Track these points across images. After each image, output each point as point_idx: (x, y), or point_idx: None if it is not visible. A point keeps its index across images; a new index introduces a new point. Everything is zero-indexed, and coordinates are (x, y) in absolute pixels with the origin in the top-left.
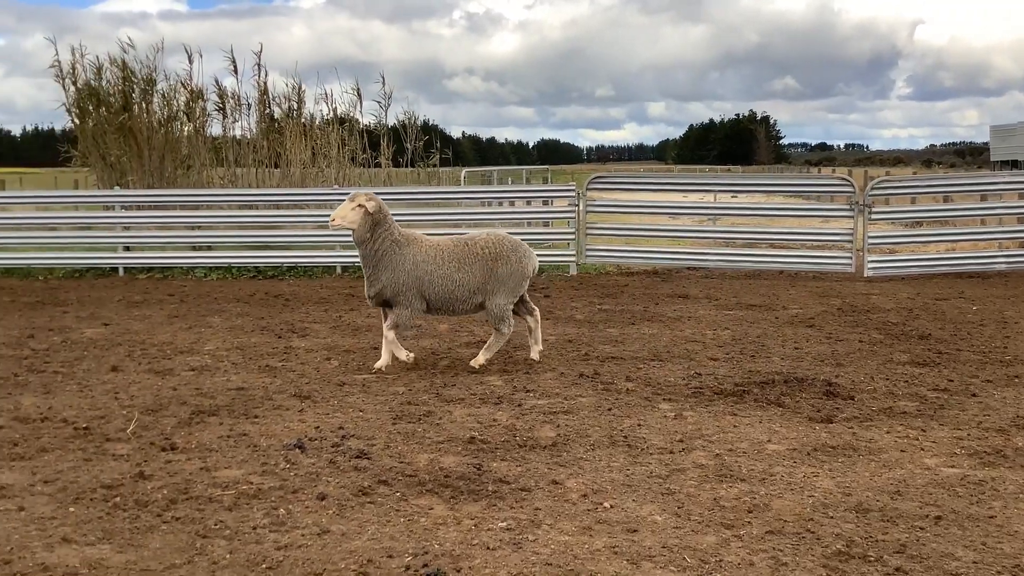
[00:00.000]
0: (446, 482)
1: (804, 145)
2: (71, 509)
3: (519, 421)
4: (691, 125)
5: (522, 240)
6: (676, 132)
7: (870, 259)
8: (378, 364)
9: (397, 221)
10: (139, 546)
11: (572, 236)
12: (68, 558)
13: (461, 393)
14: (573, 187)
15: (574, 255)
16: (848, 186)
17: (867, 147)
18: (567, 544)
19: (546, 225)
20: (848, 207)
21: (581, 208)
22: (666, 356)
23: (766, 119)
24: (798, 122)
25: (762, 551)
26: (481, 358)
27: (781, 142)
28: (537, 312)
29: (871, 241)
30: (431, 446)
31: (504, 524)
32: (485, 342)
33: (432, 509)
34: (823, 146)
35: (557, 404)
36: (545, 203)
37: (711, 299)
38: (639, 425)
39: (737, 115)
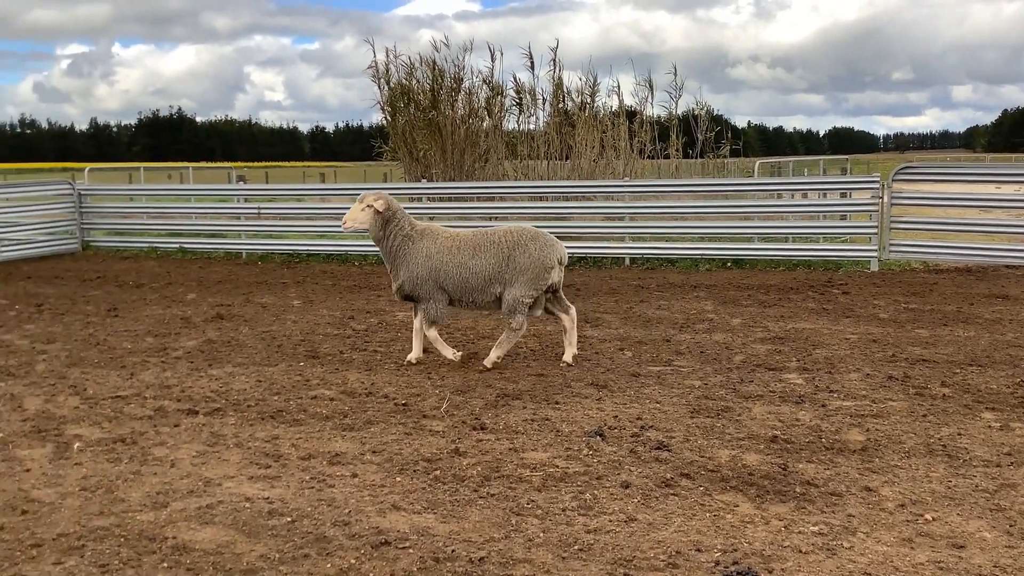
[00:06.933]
0: (750, 480)
1: None
2: (397, 479)
3: (824, 422)
4: (1005, 110)
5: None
6: (986, 118)
7: None
8: (410, 356)
9: (682, 212)
10: (460, 518)
11: (874, 230)
12: (398, 524)
13: (759, 390)
14: (877, 178)
15: (876, 250)
16: None
17: None
18: (886, 555)
19: (843, 218)
20: None
21: (885, 200)
22: (986, 361)
23: None
24: None
25: None
26: (492, 356)
27: None
28: (573, 311)
29: None
30: (732, 442)
31: (816, 528)
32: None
33: (738, 506)
34: None
35: (865, 407)
36: (843, 195)
37: None
38: (959, 434)
39: None
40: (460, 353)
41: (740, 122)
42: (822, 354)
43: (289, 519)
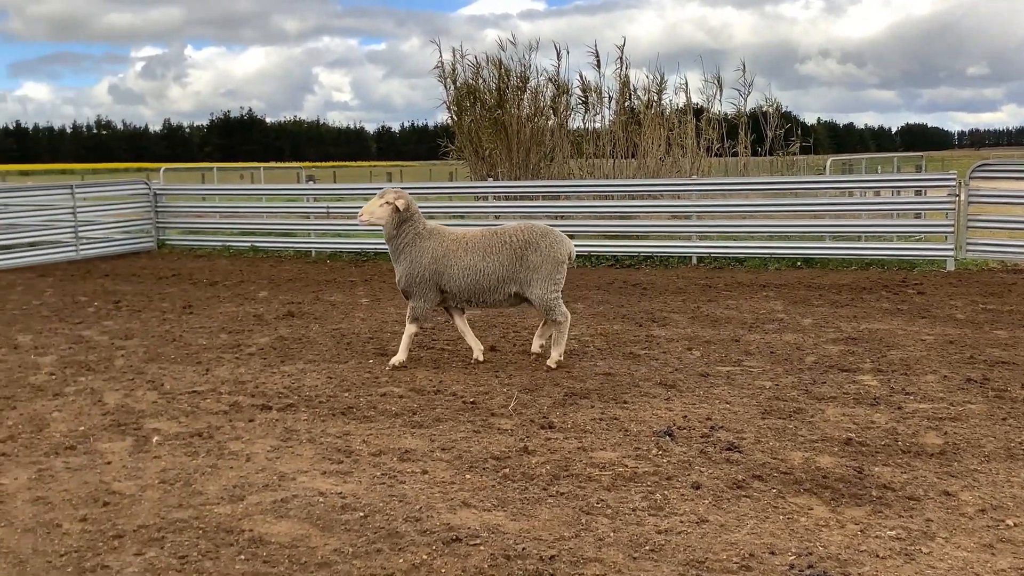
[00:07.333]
0: (824, 483)
1: None
2: (467, 476)
3: (900, 425)
4: None
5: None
6: None
7: None
8: (475, 355)
9: (751, 211)
10: (530, 516)
11: (951, 228)
12: (469, 521)
13: (832, 391)
14: (954, 175)
15: (952, 249)
16: None
17: None
18: (966, 561)
19: (918, 216)
20: None
21: (962, 198)
22: None
23: None
24: None
25: None
26: (555, 355)
27: None
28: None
29: None
30: (804, 444)
31: (893, 532)
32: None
33: (812, 509)
34: None
35: (942, 409)
36: (917, 193)
37: None
38: None
39: None
40: (404, 360)
41: (810, 119)
42: (897, 355)
43: (362, 514)
